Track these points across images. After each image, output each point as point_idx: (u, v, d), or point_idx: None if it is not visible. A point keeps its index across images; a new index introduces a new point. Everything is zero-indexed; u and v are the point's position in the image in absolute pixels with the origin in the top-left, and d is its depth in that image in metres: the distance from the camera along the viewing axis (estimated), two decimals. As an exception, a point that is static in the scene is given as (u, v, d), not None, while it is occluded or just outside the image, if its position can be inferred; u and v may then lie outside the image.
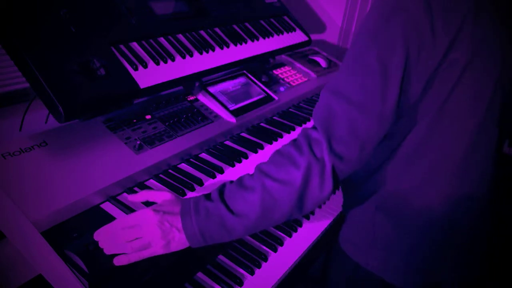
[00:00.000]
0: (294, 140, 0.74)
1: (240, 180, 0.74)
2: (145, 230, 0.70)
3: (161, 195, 0.77)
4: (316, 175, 0.69)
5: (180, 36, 1.16)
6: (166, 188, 0.89)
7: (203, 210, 0.71)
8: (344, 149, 0.69)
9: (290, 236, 1.08)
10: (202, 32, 1.22)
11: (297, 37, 1.57)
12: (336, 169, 0.70)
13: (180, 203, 0.74)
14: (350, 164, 0.71)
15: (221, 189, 0.74)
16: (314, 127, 0.73)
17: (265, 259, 0.98)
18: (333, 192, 0.72)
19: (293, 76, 1.51)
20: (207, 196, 0.73)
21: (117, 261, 0.70)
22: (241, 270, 0.95)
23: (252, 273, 0.94)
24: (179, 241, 0.71)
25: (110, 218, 0.78)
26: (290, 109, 1.37)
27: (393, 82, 0.68)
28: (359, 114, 0.68)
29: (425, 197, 0.81)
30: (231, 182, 0.75)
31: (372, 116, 0.69)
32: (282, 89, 1.39)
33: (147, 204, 0.81)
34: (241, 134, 1.16)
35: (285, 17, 1.60)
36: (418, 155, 0.78)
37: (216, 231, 0.71)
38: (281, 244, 1.05)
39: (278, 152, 0.74)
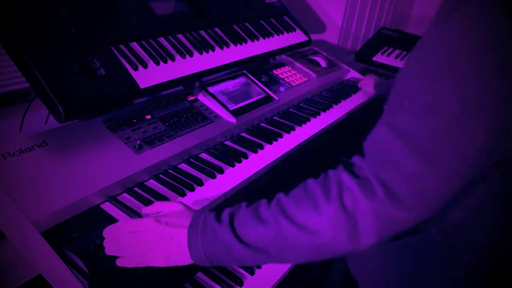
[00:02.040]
0: (325, 175, 0.62)
1: (256, 208, 0.65)
2: (145, 238, 0.68)
3: (172, 206, 0.74)
4: (343, 232, 0.57)
5: (180, 36, 1.16)
6: (168, 189, 0.89)
7: (210, 231, 0.65)
8: (394, 207, 0.55)
9: (290, 236, 1.08)
10: (202, 32, 1.22)
11: (297, 37, 1.57)
12: (377, 229, 0.56)
13: (189, 216, 0.69)
14: (401, 226, 0.57)
15: (234, 211, 0.66)
16: (350, 168, 0.60)
17: (265, 259, 0.99)
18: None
19: (293, 76, 1.51)
20: (217, 216, 0.66)
21: (120, 263, 0.69)
22: (241, 270, 0.95)
23: (252, 273, 0.94)
24: (178, 256, 0.67)
25: (110, 218, 0.78)
26: (290, 109, 1.37)
27: (481, 129, 0.50)
28: (427, 168, 0.53)
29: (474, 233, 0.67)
30: (248, 205, 0.67)
31: (444, 174, 0.53)
32: (282, 89, 1.39)
33: None
34: (241, 134, 1.16)
35: (285, 17, 1.60)
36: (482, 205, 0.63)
37: (223, 257, 0.64)
38: (281, 244, 1.05)
39: (304, 186, 0.63)
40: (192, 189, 0.89)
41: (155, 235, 0.68)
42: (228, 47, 1.25)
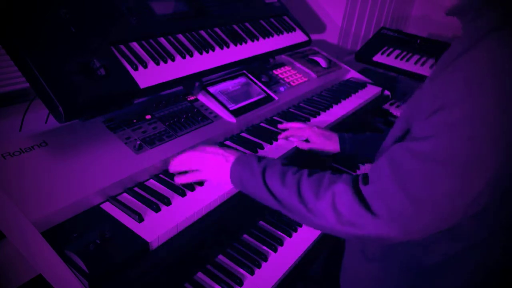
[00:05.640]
0: (339, 176, 0.76)
1: (285, 171, 0.80)
2: (208, 157, 0.88)
3: (216, 148, 0.93)
4: (329, 220, 0.72)
5: (180, 36, 1.16)
6: (168, 189, 0.89)
7: (248, 169, 0.83)
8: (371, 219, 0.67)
9: (290, 236, 1.08)
10: (202, 32, 1.22)
11: (297, 37, 1.57)
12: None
13: (233, 151, 0.90)
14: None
15: (268, 165, 0.83)
16: (355, 181, 0.73)
17: (265, 259, 0.98)
18: None
19: (293, 76, 1.51)
20: (259, 160, 0.85)
21: (179, 180, 0.89)
22: (241, 270, 0.95)
23: (252, 273, 0.94)
24: (223, 172, 0.86)
25: (110, 218, 0.78)
26: (290, 109, 1.37)
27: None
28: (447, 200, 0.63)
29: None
30: (283, 163, 0.84)
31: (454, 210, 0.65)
32: (282, 89, 1.39)
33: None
34: (241, 134, 1.16)
35: (285, 17, 1.60)
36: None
37: (251, 189, 0.83)
38: (281, 244, 1.05)
39: (322, 175, 0.78)
40: (192, 189, 0.90)
41: (215, 155, 0.88)
42: (228, 47, 1.25)
